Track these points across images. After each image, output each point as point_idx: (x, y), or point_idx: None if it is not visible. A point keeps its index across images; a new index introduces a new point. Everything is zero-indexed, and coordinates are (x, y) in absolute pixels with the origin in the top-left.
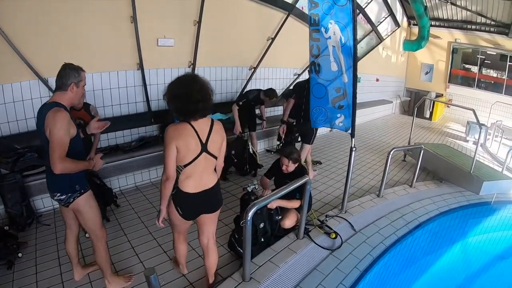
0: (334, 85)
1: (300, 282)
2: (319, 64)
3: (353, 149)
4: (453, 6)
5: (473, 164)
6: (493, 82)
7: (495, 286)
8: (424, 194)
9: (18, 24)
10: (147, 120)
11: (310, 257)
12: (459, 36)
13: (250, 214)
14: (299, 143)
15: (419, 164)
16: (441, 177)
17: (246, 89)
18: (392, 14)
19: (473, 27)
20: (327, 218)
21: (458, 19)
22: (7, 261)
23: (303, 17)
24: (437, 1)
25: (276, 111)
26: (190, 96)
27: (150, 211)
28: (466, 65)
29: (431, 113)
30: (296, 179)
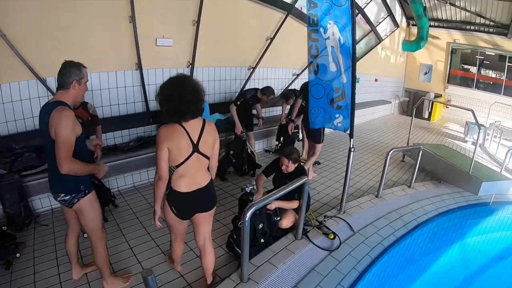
0: (332, 85)
1: (298, 283)
2: (317, 65)
3: (352, 150)
4: (452, 6)
5: (471, 164)
6: (491, 83)
7: (493, 286)
8: (422, 194)
9: (16, 24)
10: (146, 120)
11: (309, 257)
12: (458, 37)
13: (248, 215)
14: (299, 142)
15: (417, 165)
16: (440, 178)
17: (244, 90)
18: (391, 15)
19: (472, 27)
20: (325, 218)
21: (457, 19)
22: (5, 261)
23: (302, 17)
24: (436, 1)
25: (275, 111)
26: (181, 97)
27: (149, 211)
28: (465, 66)
29: (430, 114)
30: (294, 180)
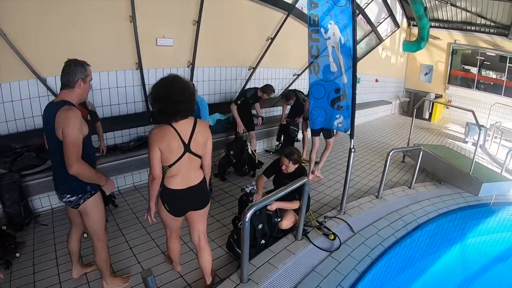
0: (333, 85)
1: (298, 284)
2: (318, 65)
3: (352, 150)
4: (452, 7)
5: (472, 165)
6: (492, 84)
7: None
8: (423, 195)
9: (17, 23)
10: (146, 120)
11: (309, 258)
12: (459, 37)
13: (248, 215)
14: (298, 142)
15: (418, 165)
16: (440, 179)
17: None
18: (391, 15)
19: (472, 28)
20: (325, 219)
21: (458, 20)
22: (5, 261)
23: (303, 17)
24: (437, 2)
25: (275, 111)
26: (170, 97)
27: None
28: (466, 66)
29: (430, 114)
30: (295, 180)
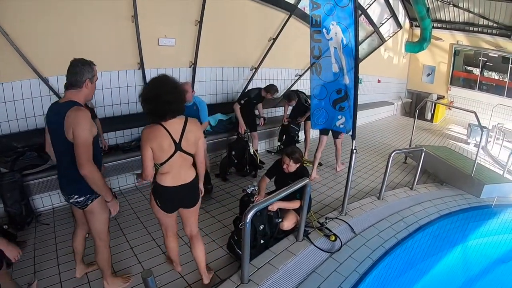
0: (335, 86)
1: (299, 285)
2: (320, 65)
3: (354, 151)
4: (455, 8)
5: (474, 166)
6: (494, 85)
7: None
8: (424, 196)
9: (19, 23)
10: (147, 120)
11: (309, 259)
12: (461, 38)
13: (249, 216)
14: (299, 143)
15: (420, 167)
16: (442, 180)
17: (247, 90)
18: (394, 16)
19: (475, 29)
20: (326, 220)
21: (460, 21)
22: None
23: (305, 17)
24: (439, 3)
25: (277, 112)
26: (161, 98)
27: (150, 211)
28: (468, 67)
29: (433, 115)
30: (296, 181)
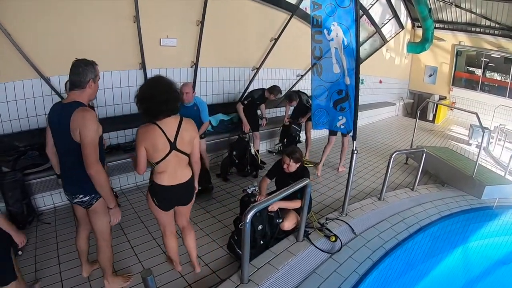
0: (336, 87)
1: (298, 285)
2: (321, 66)
3: (355, 152)
4: (457, 8)
5: (475, 168)
6: (497, 86)
7: None
8: (425, 197)
9: (21, 23)
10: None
11: (309, 260)
12: (463, 39)
13: (249, 216)
14: (300, 143)
15: (421, 167)
16: (443, 181)
17: (249, 90)
18: (396, 16)
19: (477, 29)
20: (327, 220)
21: (463, 21)
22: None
23: (306, 18)
24: (441, 3)
25: (278, 112)
26: (156, 98)
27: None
28: (470, 68)
29: (434, 116)
30: (297, 181)
